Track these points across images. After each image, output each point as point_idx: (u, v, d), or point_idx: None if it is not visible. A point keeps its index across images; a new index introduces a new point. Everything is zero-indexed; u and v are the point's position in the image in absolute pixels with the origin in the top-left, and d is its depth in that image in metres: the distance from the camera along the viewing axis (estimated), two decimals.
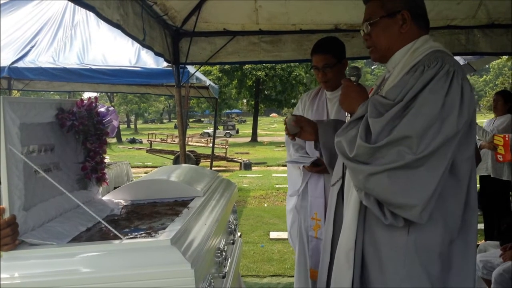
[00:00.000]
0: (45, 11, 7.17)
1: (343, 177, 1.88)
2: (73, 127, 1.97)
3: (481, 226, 5.77)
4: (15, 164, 1.54)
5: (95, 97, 2.11)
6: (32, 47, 6.52)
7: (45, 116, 1.87)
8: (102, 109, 2.16)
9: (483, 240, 5.05)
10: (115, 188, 2.46)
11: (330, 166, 2.19)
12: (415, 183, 1.52)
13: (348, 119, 1.87)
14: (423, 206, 1.52)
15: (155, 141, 21.76)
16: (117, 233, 1.52)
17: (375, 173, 1.54)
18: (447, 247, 1.63)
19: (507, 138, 5.10)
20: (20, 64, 6.18)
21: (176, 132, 8.19)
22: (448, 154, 1.54)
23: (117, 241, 1.49)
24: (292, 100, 32.04)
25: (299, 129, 2.20)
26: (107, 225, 1.56)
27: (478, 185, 2.49)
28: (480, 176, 5.57)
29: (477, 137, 5.18)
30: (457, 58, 2.28)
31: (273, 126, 52.05)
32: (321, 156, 2.29)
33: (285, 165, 3.24)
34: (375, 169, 1.54)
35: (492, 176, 5.44)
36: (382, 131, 1.56)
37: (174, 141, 20.53)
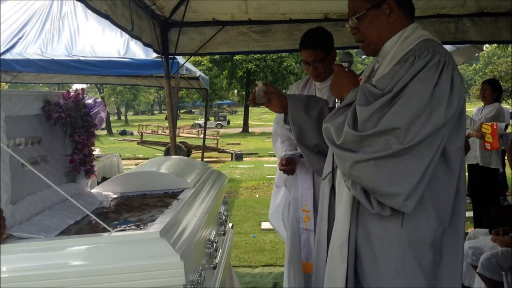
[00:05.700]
0: (32, 2, 7.07)
1: (333, 171, 1.87)
2: (60, 119, 1.95)
3: (470, 214, 5.83)
4: (1, 158, 1.52)
5: (82, 89, 2.09)
6: (20, 38, 6.42)
7: (32, 109, 1.85)
8: (90, 101, 2.14)
9: (473, 228, 5.10)
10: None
11: (299, 141, 2.15)
12: (401, 171, 1.51)
13: (338, 105, 1.86)
14: (407, 194, 1.51)
15: (146, 133, 21.67)
16: (105, 226, 1.51)
17: (361, 161, 1.54)
18: (439, 237, 1.64)
19: (495, 127, 5.15)
20: (7, 56, 6.09)
21: (167, 124, 8.15)
22: (435, 144, 1.54)
23: (106, 234, 1.48)
24: (284, 90, 31.95)
25: (267, 99, 2.13)
26: (95, 218, 1.55)
27: (466, 174, 2.55)
28: (469, 165, 5.62)
29: None
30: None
31: (264, 117, 51.91)
32: (291, 131, 2.25)
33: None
34: (361, 157, 1.54)
35: (480, 164, 5.49)
36: (369, 119, 1.55)
37: (165, 132, 20.41)
